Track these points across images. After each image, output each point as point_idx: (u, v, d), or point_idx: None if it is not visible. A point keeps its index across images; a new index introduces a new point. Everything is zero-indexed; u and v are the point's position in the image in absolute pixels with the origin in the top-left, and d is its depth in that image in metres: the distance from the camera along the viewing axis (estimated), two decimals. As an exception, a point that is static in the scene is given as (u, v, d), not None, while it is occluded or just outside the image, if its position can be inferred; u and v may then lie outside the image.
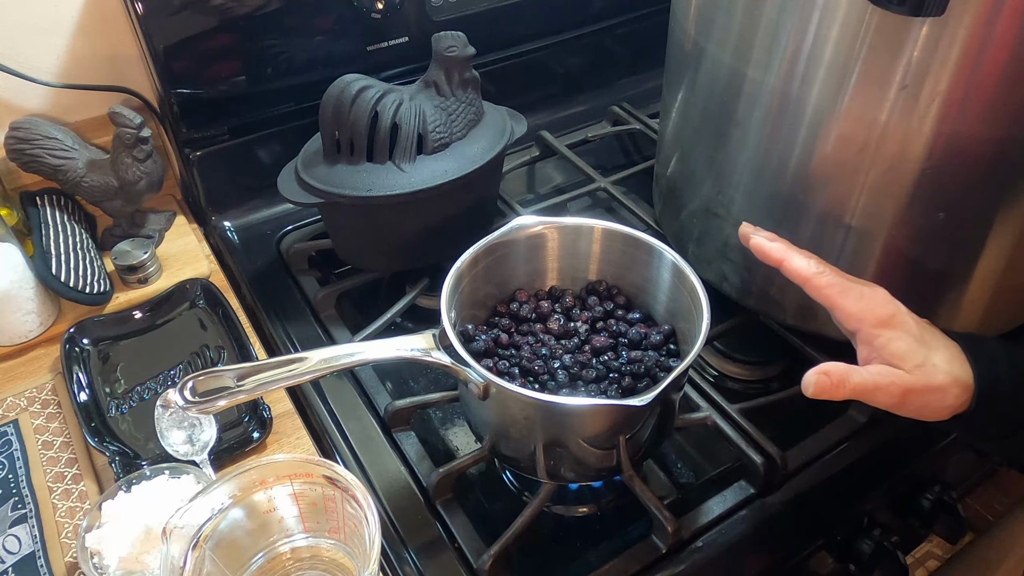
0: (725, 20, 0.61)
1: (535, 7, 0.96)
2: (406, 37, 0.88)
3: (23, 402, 0.68)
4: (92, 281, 0.74)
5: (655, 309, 0.65)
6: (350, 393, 0.69)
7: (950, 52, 0.49)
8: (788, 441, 0.64)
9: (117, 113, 0.74)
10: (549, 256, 0.66)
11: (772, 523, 0.60)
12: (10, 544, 0.58)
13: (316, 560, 0.55)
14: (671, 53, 0.73)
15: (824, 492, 0.63)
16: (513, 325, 0.64)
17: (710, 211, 0.70)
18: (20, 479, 0.62)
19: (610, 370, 0.60)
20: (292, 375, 0.52)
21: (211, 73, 0.80)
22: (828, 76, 0.55)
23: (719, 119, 0.65)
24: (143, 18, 0.75)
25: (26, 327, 0.72)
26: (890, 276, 0.62)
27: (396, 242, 0.75)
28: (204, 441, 0.59)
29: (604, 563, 0.57)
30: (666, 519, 0.57)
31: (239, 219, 0.88)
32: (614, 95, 1.06)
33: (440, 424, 0.70)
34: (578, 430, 0.54)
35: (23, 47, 0.79)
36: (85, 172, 0.77)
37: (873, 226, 0.60)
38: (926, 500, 0.69)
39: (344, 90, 0.70)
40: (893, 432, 0.66)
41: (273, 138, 0.87)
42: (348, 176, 0.70)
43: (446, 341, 0.54)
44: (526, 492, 0.64)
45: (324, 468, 0.50)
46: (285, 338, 0.75)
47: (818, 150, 0.58)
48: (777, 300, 0.69)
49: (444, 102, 0.73)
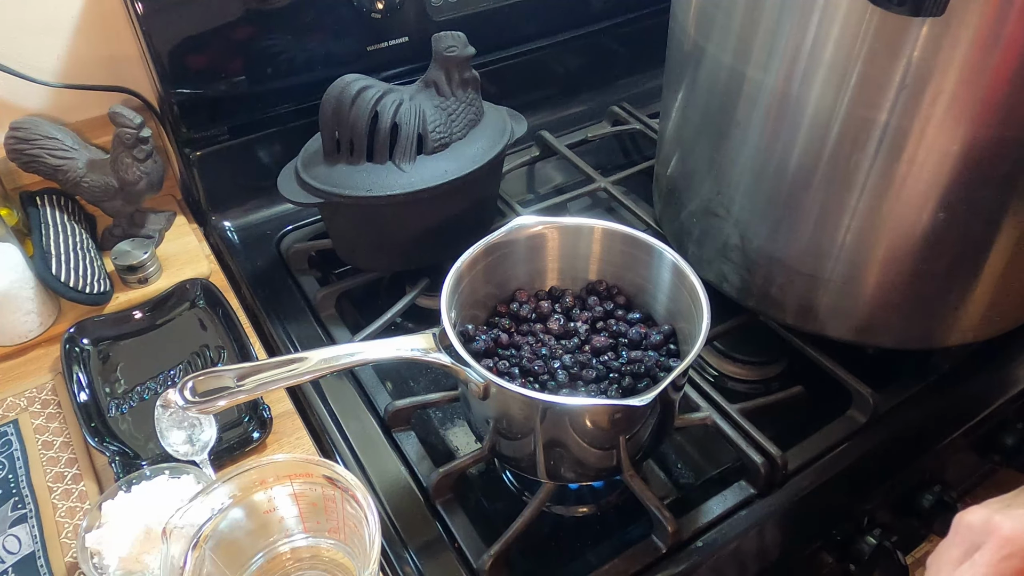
0: (725, 20, 0.61)
1: (535, 7, 0.96)
2: (406, 37, 0.88)
3: (23, 402, 0.68)
4: (92, 281, 0.74)
5: (655, 309, 0.65)
6: (350, 393, 0.69)
7: (950, 52, 0.49)
8: (788, 441, 0.64)
9: (117, 113, 0.74)
10: (549, 256, 0.66)
11: (772, 523, 0.60)
12: (10, 544, 0.58)
13: (316, 560, 0.55)
14: (671, 53, 0.73)
15: (824, 492, 0.63)
16: (513, 325, 0.64)
17: (710, 211, 0.70)
18: (20, 479, 0.62)
19: (610, 370, 0.60)
20: (292, 375, 0.52)
21: (211, 73, 0.80)
22: (828, 76, 0.55)
23: (719, 119, 0.65)
24: (143, 18, 0.75)
25: (26, 327, 0.72)
26: (890, 276, 0.62)
27: (396, 242, 0.75)
28: (204, 441, 0.59)
29: (604, 563, 0.57)
30: (666, 519, 0.57)
31: (239, 219, 0.88)
32: (614, 95, 1.06)
33: (440, 424, 0.70)
34: (578, 430, 0.54)
35: (23, 47, 0.79)
36: (85, 172, 0.77)
37: (873, 226, 0.60)
38: (926, 500, 0.69)
39: (344, 90, 0.70)
40: (893, 432, 0.67)
41: (273, 138, 0.87)
42: (348, 176, 0.70)
43: (446, 341, 0.54)
44: (526, 492, 0.64)
45: (324, 468, 0.50)
46: (285, 338, 0.75)
47: (818, 150, 0.58)
48: (777, 300, 0.69)
49: (444, 102, 0.73)
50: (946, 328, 0.66)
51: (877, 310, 0.65)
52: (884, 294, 0.63)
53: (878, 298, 0.64)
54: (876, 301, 0.64)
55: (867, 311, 0.65)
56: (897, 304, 0.64)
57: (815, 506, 0.62)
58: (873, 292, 0.63)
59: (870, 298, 0.64)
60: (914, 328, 0.66)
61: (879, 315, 0.65)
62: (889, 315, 0.65)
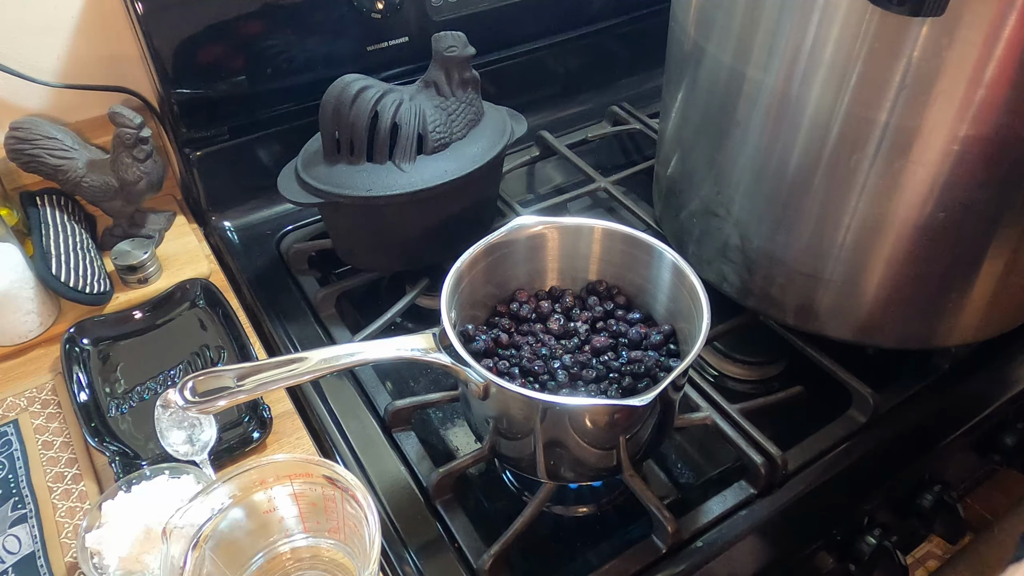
0: (725, 20, 0.61)
1: (535, 7, 0.96)
2: (406, 37, 0.88)
3: (23, 402, 0.68)
4: (92, 281, 0.74)
5: (655, 309, 0.65)
6: (350, 393, 0.69)
7: (950, 52, 0.49)
8: (788, 441, 0.64)
9: (117, 113, 0.74)
10: (549, 256, 0.66)
11: (772, 523, 0.60)
12: (10, 544, 0.58)
13: (316, 560, 0.55)
14: (671, 53, 0.73)
15: (824, 492, 0.63)
16: (513, 325, 0.64)
17: (710, 211, 0.70)
18: (20, 479, 0.62)
19: (610, 370, 0.60)
20: (292, 375, 0.52)
21: (211, 73, 0.80)
22: (828, 76, 0.55)
23: (719, 119, 0.65)
24: (143, 18, 0.75)
25: (26, 327, 0.72)
26: (890, 276, 0.62)
27: (396, 242, 0.75)
28: (204, 441, 0.59)
29: (604, 563, 0.57)
30: (666, 519, 0.57)
31: (239, 219, 0.88)
32: (614, 95, 1.06)
33: (440, 424, 0.70)
34: (578, 430, 0.54)
35: (23, 47, 0.79)
36: (85, 172, 0.77)
37: (873, 226, 0.60)
38: (926, 500, 0.69)
39: (344, 90, 0.70)
40: (893, 432, 0.67)
41: (273, 138, 0.87)
42: (348, 176, 0.70)
43: (446, 341, 0.54)
44: (526, 492, 0.64)
45: (324, 468, 0.50)
46: (285, 338, 0.75)
47: (818, 150, 0.58)
48: (777, 300, 0.69)
49: (444, 102, 0.73)
50: (946, 328, 0.66)
51: (877, 310, 0.65)
52: (884, 294, 0.63)
53: (878, 298, 0.64)
54: (876, 301, 0.64)
55: (867, 311, 0.65)
56: (897, 304, 0.64)
57: (815, 506, 0.62)
58: (873, 292, 0.64)
59: (870, 298, 0.64)
60: (914, 328, 0.66)
61: (879, 315, 0.65)
62: (889, 315, 0.65)
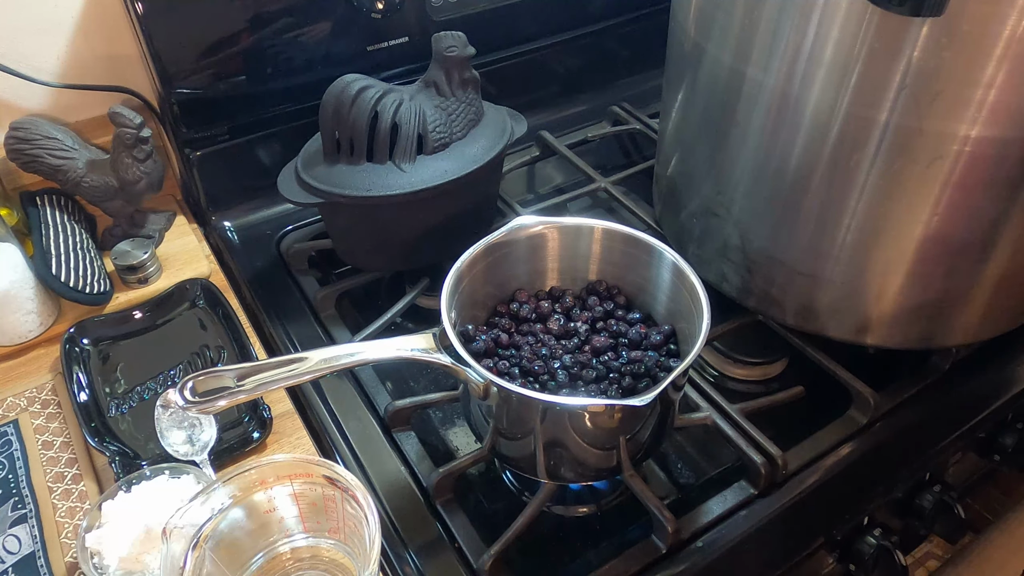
0: (725, 20, 0.61)
1: (535, 7, 0.96)
2: (406, 37, 0.88)
3: (23, 402, 0.68)
4: (92, 281, 0.74)
5: (655, 309, 0.65)
6: (350, 393, 0.69)
7: (950, 52, 0.49)
8: (788, 441, 0.64)
9: (117, 113, 0.74)
10: (549, 256, 0.66)
11: (772, 523, 0.61)
12: (10, 544, 0.58)
13: (316, 560, 0.55)
14: (671, 53, 0.73)
15: (824, 492, 0.63)
16: (513, 325, 0.64)
17: (710, 211, 0.70)
18: (20, 479, 0.62)
19: (610, 370, 0.60)
20: (292, 375, 0.52)
21: (211, 73, 0.80)
22: (828, 76, 0.55)
23: (719, 119, 0.65)
24: (143, 18, 0.75)
25: (26, 327, 0.72)
26: (890, 276, 0.62)
27: (396, 242, 0.75)
28: (204, 441, 0.59)
29: (604, 563, 0.57)
30: (666, 519, 0.57)
31: (239, 219, 0.88)
32: (614, 95, 1.06)
33: (440, 424, 0.70)
34: (578, 430, 0.54)
35: (23, 47, 0.79)
36: (85, 172, 0.77)
37: (873, 226, 0.60)
38: (926, 500, 0.69)
39: (344, 90, 0.70)
40: (893, 432, 0.67)
41: (273, 138, 0.87)
42: (348, 176, 0.70)
43: (446, 341, 0.54)
44: (526, 492, 0.64)
45: (324, 468, 0.50)
46: (285, 338, 0.75)
47: (818, 150, 0.58)
48: (777, 300, 0.69)
49: (444, 102, 0.73)
50: (946, 328, 0.66)
51: (877, 310, 0.65)
52: (884, 294, 0.63)
53: (878, 298, 0.64)
54: (876, 301, 0.64)
55: (867, 311, 0.65)
56: (897, 304, 0.64)
57: (815, 506, 0.62)
58: (873, 292, 0.64)
59: (870, 298, 0.64)
60: (914, 328, 0.66)
61: (879, 315, 0.65)
62: (889, 315, 0.65)
